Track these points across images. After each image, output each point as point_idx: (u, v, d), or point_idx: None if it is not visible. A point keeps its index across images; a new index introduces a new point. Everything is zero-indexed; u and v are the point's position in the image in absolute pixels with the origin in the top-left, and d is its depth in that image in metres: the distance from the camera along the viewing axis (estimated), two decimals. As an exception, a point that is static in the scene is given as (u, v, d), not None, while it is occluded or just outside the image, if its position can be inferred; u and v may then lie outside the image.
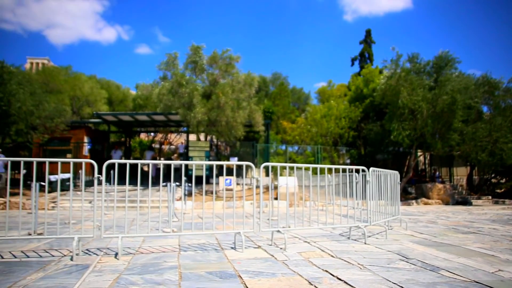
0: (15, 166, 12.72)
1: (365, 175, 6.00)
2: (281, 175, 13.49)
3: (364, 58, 41.51)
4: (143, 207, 9.74)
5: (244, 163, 4.96)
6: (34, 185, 4.69)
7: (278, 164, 4.94)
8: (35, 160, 4.45)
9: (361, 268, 3.72)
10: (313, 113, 23.50)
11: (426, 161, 23.63)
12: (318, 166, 5.51)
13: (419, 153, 20.51)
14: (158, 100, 15.95)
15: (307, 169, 5.23)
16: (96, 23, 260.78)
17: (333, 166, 5.62)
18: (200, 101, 15.01)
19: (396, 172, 7.20)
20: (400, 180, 7.69)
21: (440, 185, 17.60)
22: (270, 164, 4.93)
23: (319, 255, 4.46)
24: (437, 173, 22.15)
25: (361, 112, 21.87)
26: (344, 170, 6.13)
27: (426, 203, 16.41)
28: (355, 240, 5.67)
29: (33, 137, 15.03)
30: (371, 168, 6.02)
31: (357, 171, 6.07)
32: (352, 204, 7.58)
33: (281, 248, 4.86)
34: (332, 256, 4.39)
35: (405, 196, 17.33)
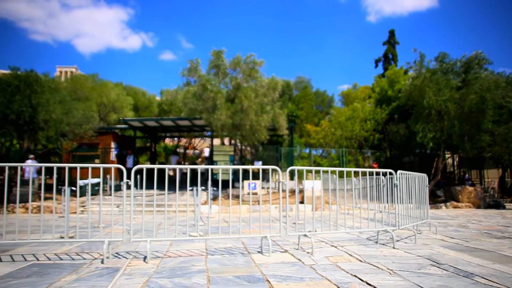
0: (46, 171, 13.15)
1: (392, 178, 5.89)
2: (306, 178, 13.37)
3: (388, 59, 40.91)
4: (169, 211, 9.87)
5: (270, 167, 4.95)
6: (67, 190, 4.83)
7: (304, 168, 4.91)
8: (67, 165, 4.58)
9: (391, 273, 3.65)
10: (338, 116, 23.31)
11: (455, 163, 22.99)
12: (345, 169, 5.45)
13: (447, 155, 19.98)
14: (183, 104, 16.18)
15: (333, 172, 5.18)
16: (121, 31, 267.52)
17: (360, 169, 5.55)
18: (224, 105, 15.12)
19: (424, 175, 7.04)
20: (428, 183, 7.51)
21: (470, 188, 17.07)
22: (296, 167, 4.92)
23: (347, 259, 4.40)
24: (467, 175, 21.48)
25: (387, 114, 21.52)
26: (371, 173, 6.04)
27: (455, 207, 15.95)
28: (383, 244, 5.57)
29: (62, 143, 15.49)
30: (398, 171, 5.91)
31: (384, 174, 5.97)
32: (379, 208, 7.46)
33: (308, 252, 4.83)
34: (360, 260, 4.33)
35: (434, 200, 16.90)
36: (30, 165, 6.06)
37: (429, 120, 15.94)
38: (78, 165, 4.59)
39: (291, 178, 14.76)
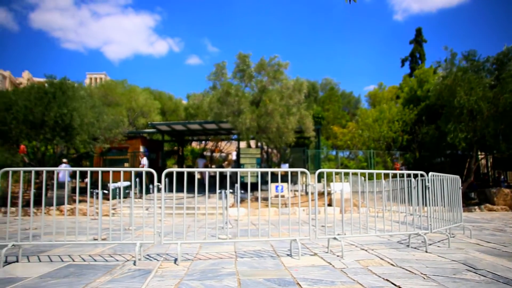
0: (77, 175, 13.58)
1: (424, 180, 5.75)
2: (332, 181, 13.31)
3: (415, 58, 40.04)
4: (198, 214, 9.97)
5: (298, 169, 4.93)
6: (100, 193, 4.97)
7: (333, 170, 4.87)
8: (100, 169, 4.72)
9: (424, 278, 3.55)
10: (365, 117, 22.96)
11: (489, 164, 22.17)
12: (375, 171, 5.36)
13: (480, 156, 19.31)
14: (209, 109, 16.35)
15: (362, 174, 5.10)
16: (148, 37, 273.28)
17: (390, 171, 5.44)
18: (249, 108, 15.18)
19: (457, 177, 6.83)
20: (461, 185, 7.27)
21: (507, 190, 16.40)
22: (325, 170, 4.88)
23: (378, 263, 4.32)
24: (502, 177, 20.65)
25: (415, 114, 21.02)
26: (401, 175, 5.91)
27: (490, 210, 15.37)
28: (415, 248, 5.44)
29: (94, 147, 15.94)
30: (430, 173, 5.76)
31: (415, 176, 5.84)
32: (409, 211, 7.28)
33: (338, 256, 4.77)
34: (392, 264, 4.24)
35: (466, 202, 16.34)
36: (66, 169, 6.28)
37: (460, 120, 15.47)
38: (111, 169, 4.71)
39: (319, 180, 14.65)
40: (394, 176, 8.95)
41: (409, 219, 6.80)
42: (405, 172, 6.01)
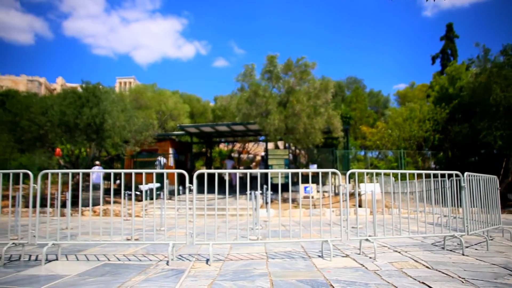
0: (110, 176, 13.96)
1: (459, 181, 5.57)
2: (363, 181, 13.09)
3: (446, 55, 38.82)
4: (226, 215, 10.04)
5: (329, 170, 4.89)
6: (133, 194, 5.09)
7: (365, 171, 4.79)
8: (133, 171, 4.83)
9: (463, 282, 3.44)
10: (394, 117, 22.50)
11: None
12: (407, 171, 5.24)
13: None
14: (237, 109, 16.43)
15: (394, 175, 5.00)
16: (176, 41, 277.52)
17: (423, 172, 5.30)
18: (277, 109, 15.16)
19: (495, 177, 6.58)
20: (498, 186, 7.00)
21: (546, 191, 15.67)
22: (356, 170, 4.81)
23: (413, 265, 4.21)
24: (542, 177, 19.70)
25: (447, 113, 20.40)
26: (435, 176, 5.74)
27: (529, 211, 14.71)
28: (450, 250, 5.27)
29: (125, 150, 16.35)
30: (466, 173, 5.57)
31: (449, 176, 5.66)
32: (443, 212, 7.07)
33: (370, 258, 4.69)
34: (427, 267, 4.13)
35: (505, 204, 15.70)
36: (100, 171, 6.47)
37: (496, 118, 14.90)
38: (144, 171, 4.82)
39: (348, 181, 14.45)
40: (428, 176, 8.72)
41: (443, 221, 6.60)
42: (439, 172, 5.84)
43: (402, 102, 36.25)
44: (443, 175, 6.19)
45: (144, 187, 11.46)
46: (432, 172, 5.84)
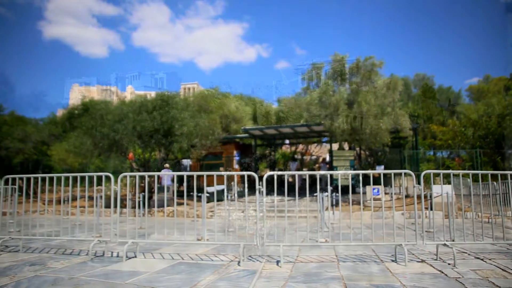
0: (177, 178, 14.59)
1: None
2: (434, 183, 12.34)
3: (529, 43, 35.42)
4: (292, 217, 10.01)
5: (402, 171, 4.69)
6: (203, 196, 5.27)
7: (441, 172, 4.53)
8: (205, 173, 5.03)
9: (561, 293, 3.11)
10: (468, 113, 21.01)
11: None
12: (489, 172, 4.86)
13: None
14: (306, 110, 16.34)
15: (473, 176, 4.67)
16: (237, 45, 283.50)
17: (509, 172, 4.88)
18: (345, 110, 14.88)
19: None
20: None
21: None
22: (431, 171, 4.56)
23: (500, 275, 3.89)
24: None
25: (533, 107, 18.62)
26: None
27: None
28: (543, 259, 4.80)
29: (192, 153, 17.01)
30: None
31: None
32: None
33: (449, 264, 4.42)
34: (517, 276, 3.79)
35: None
36: (171, 173, 6.81)
37: None
38: (215, 173, 4.99)
39: (418, 182, 13.74)
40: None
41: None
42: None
43: (475, 97, 33.73)
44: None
45: (211, 188, 11.81)
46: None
